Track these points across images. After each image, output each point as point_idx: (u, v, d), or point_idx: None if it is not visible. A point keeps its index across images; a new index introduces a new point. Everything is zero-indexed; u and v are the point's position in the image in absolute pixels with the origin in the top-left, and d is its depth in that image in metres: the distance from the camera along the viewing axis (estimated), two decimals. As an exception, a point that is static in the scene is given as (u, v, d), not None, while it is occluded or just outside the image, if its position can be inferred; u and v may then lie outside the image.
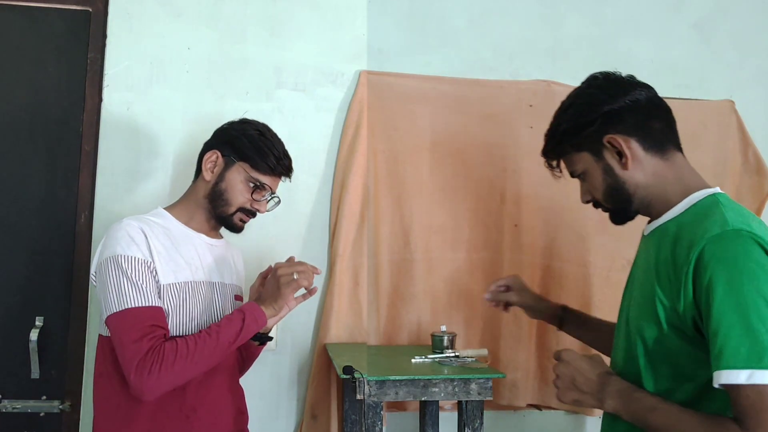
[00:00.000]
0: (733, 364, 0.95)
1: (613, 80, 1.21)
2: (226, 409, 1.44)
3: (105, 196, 1.92)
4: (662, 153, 1.17)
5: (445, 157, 2.06)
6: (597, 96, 1.18)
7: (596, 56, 2.19)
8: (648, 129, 1.16)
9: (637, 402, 1.08)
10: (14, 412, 1.85)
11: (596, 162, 1.19)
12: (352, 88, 2.05)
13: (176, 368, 1.26)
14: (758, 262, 0.98)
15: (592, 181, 1.21)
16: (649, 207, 1.19)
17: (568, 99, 1.24)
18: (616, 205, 1.21)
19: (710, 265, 0.99)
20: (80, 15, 1.96)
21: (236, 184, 1.46)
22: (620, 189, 1.18)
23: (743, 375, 0.94)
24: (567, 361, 1.17)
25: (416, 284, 2.01)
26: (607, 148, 1.17)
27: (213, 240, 1.51)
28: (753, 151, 2.20)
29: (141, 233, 1.36)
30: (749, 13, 2.28)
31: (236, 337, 1.34)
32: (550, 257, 2.06)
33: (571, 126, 1.20)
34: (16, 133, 1.91)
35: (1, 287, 1.87)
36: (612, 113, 1.16)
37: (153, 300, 1.31)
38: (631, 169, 1.16)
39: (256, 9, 2.03)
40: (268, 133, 1.51)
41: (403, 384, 1.53)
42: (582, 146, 1.20)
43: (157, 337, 1.28)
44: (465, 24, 2.13)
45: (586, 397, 1.13)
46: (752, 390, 0.94)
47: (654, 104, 1.19)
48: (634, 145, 1.15)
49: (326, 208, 2.02)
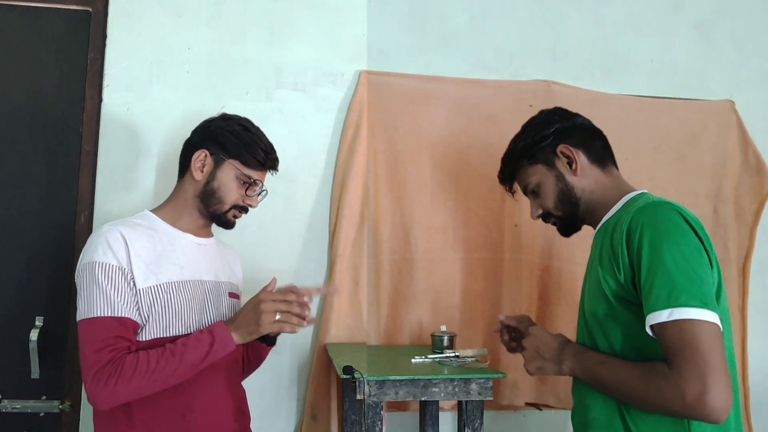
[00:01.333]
0: (657, 307, 1.09)
1: (562, 109, 1.46)
2: (224, 408, 1.43)
3: (105, 196, 1.92)
4: (602, 166, 1.38)
5: (445, 157, 2.06)
6: (550, 117, 1.43)
7: (596, 56, 2.19)
8: (591, 145, 1.38)
9: (589, 359, 1.23)
10: (14, 412, 1.85)
11: (549, 171, 1.39)
12: (352, 88, 2.05)
13: (133, 383, 1.26)
14: (676, 223, 1.14)
15: (544, 190, 1.40)
16: (592, 213, 1.37)
17: (523, 126, 1.48)
18: (566, 212, 1.39)
19: (637, 230, 1.16)
20: (80, 15, 1.96)
21: (228, 182, 1.45)
22: (570, 193, 1.37)
23: (665, 314, 1.08)
24: (533, 334, 1.34)
25: (416, 284, 2.01)
26: (559, 157, 1.38)
27: (201, 239, 1.50)
28: (753, 151, 2.19)
29: (120, 239, 1.35)
30: (749, 13, 2.28)
31: (201, 361, 1.32)
32: (550, 257, 2.06)
33: (528, 142, 1.42)
34: (16, 133, 1.91)
35: (1, 287, 1.87)
36: (563, 129, 1.39)
37: (122, 311, 1.30)
38: (579, 175, 1.36)
39: (256, 9, 2.03)
40: (252, 127, 1.51)
41: (403, 384, 1.53)
42: (537, 159, 1.40)
43: (119, 348, 1.28)
44: (465, 24, 2.13)
45: (548, 363, 1.30)
46: (673, 326, 1.07)
47: (595, 129, 1.43)
48: (581, 156, 1.37)
49: (326, 208, 2.02)
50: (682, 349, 1.06)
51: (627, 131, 2.12)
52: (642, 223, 1.15)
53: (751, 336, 2.14)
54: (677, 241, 1.12)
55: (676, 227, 1.14)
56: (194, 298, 1.42)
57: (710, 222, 2.14)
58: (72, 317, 1.87)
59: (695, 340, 1.05)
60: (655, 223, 1.15)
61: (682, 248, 1.12)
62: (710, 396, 1.02)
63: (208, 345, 1.32)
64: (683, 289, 1.08)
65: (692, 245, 1.13)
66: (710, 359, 1.04)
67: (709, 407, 1.03)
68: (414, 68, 2.08)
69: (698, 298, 1.07)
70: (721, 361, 1.05)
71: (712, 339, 1.05)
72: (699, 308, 1.06)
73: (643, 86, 2.21)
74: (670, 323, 1.07)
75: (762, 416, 2.12)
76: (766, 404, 2.14)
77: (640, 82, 2.21)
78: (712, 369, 1.03)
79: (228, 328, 1.36)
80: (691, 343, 1.05)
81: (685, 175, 2.15)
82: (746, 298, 2.15)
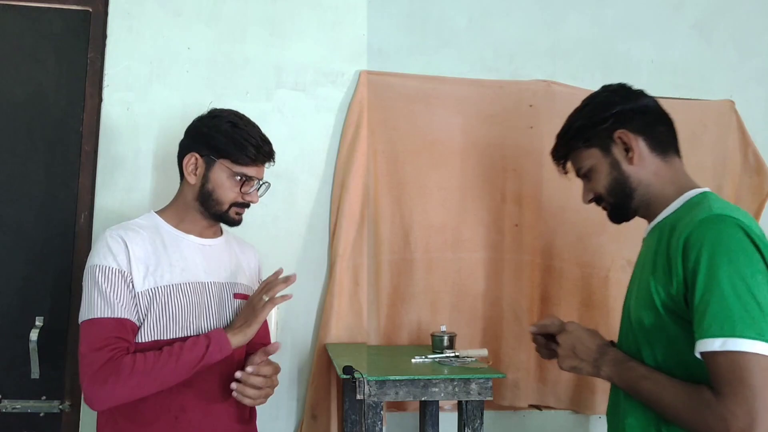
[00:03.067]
0: (709, 334, 1.03)
1: (626, 87, 1.35)
2: (221, 409, 1.43)
3: (105, 196, 1.92)
4: (664, 155, 1.27)
5: (445, 157, 2.06)
6: (611, 98, 1.31)
7: (596, 56, 2.19)
8: (654, 131, 1.27)
9: (630, 370, 1.16)
10: (14, 412, 1.85)
11: (604, 157, 1.28)
12: (352, 88, 2.05)
13: (131, 383, 1.27)
14: (739, 242, 1.06)
15: (597, 176, 1.30)
16: (648, 206, 1.27)
17: (583, 102, 1.36)
18: (618, 200, 1.29)
19: (696, 245, 1.07)
20: (80, 15, 1.96)
21: (222, 182, 1.44)
22: (624, 183, 1.27)
23: (717, 343, 1.02)
24: (570, 331, 1.27)
25: (416, 284, 2.01)
26: (617, 143, 1.27)
27: (206, 240, 1.50)
28: (753, 151, 2.20)
29: (121, 243, 1.37)
30: (749, 13, 2.28)
31: (197, 363, 1.33)
32: (550, 257, 2.06)
33: (586, 123, 1.31)
34: (16, 133, 1.91)
35: (1, 287, 1.87)
36: (624, 113, 1.28)
37: (121, 312, 1.32)
38: (636, 164, 1.25)
39: (256, 9, 2.03)
40: (241, 122, 1.47)
41: (403, 384, 1.53)
42: (592, 142, 1.30)
43: (118, 349, 1.29)
44: (465, 24, 2.13)
45: (584, 364, 1.23)
46: (724, 357, 1.01)
47: (660, 111, 1.31)
48: (641, 143, 1.26)
49: (326, 208, 2.02)
50: (731, 382, 1.00)
51: (627, 131, 2.12)
52: (702, 238, 1.07)
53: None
54: (738, 264, 1.04)
55: (739, 247, 1.06)
56: (194, 300, 1.42)
57: (710, 222, 2.14)
58: (72, 317, 1.87)
59: (746, 373, 0.99)
60: (717, 241, 1.06)
61: (742, 272, 1.04)
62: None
63: (204, 347, 1.34)
64: (739, 318, 1.01)
65: (755, 268, 1.05)
66: (760, 395, 0.98)
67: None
68: (414, 68, 2.08)
69: (754, 328, 1.00)
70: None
71: (764, 374, 0.99)
72: (754, 340, 1.00)
73: (643, 86, 2.16)
74: (722, 353, 1.01)
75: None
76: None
77: (640, 82, 2.16)
78: (762, 406, 0.98)
79: (224, 332, 1.38)
80: (741, 378, 0.99)
81: (686, 175, 2.15)
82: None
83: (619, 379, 1.19)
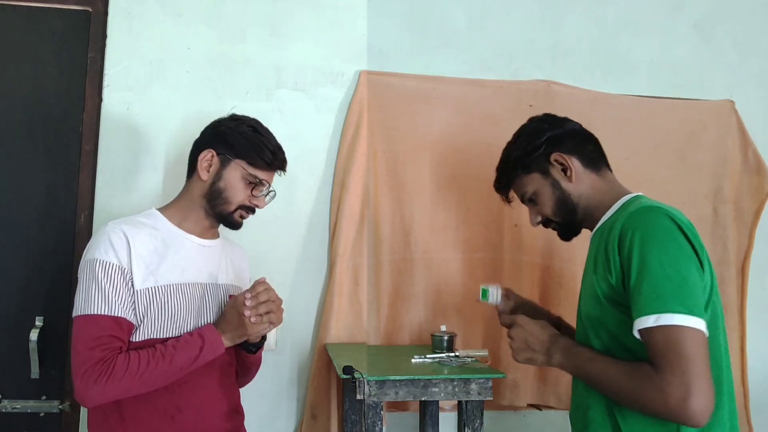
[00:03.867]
0: (644, 312, 1.11)
1: (551, 116, 1.46)
2: (215, 409, 1.43)
3: (105, 196, 1.92)
4: (597, 169, 1.39)
5: (445, 157, 2.06)
6: (541, 126, 1.44)
7: (596, 56, 2.19)
8: (584, 150, 1.39)
9: (578, 355, 1.25)
10: (14, 412, 1.85)
11: (545, 179, 1.40)
12: (352, 88, 2.05)
13: (123, 384, 1.28)
14: (666, 228, 1.15)
15: (542, 198, 1.41)
16: (590, 217, 1.38)
17: (514, 135, 1.48)
18: (564, 218, 1.40)
19: (627, 234, 1.17)
20: (80, 15, 1.96)
21: (235, 183, 1.45)
22: (567, 200, 1.38)
23: (651, 319, 1.10)
24: (521, 325, 1.36)
25: (416, 284, 2.01)
26: (554, 165, 1.38)
27: (206, 241, 1.50)
28: (753, 151, 2.20)
29: (123, 238, 1.35)
30: (749, 13, 2.28)
31: (191, 363, 1.33)
32: (550, 257, 2.06)
33: (522, 152, 1.42)
34: (16, 133, 1.91)
35: (1, 287, 1.87)
36: (555, 137, 1.40)
37: (118, 310, 1.31)
38: (575, 181, 1.37)
39: (256, 9, 2.03)
40: (261, 128, 1.50)
41: (403, 384, 1.53)
42: (531, 168, 1.41)
43: (112, 348, 1.29)
44: (465, 24, 2.13)
45: (537, 355, 1.32)
46: (659, 331, 1.09)
47: (587, 133, 1.43)
48: (575, 162, 1.37)
49: (326, 208, 2.02)
50: (666, 354, 1.08)
51: (627, 131, 2.12)
52: (633, 227, 1.17)
53: (751, 336, 2.14)
54: (667, 247, 1.13)
55: (667, 232, 1.15)
56: (192, 300, 1.42)
57: (710, 222, 2.14)
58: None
59: (680, 346, 1.07)
60: (646, 228, 1.16)
61: (671, 253, 1.13)
62: (692, 401, 1.05)
63: (198, 348, 1.34)
64: (670, 295, 1.09)
65: (682, 250, 1.14)
66: (694, 366, 1.06)
67: (691, 411, 1.05)
68: (414, 68, 2.08)
69: (685, 304, 1.09)
70: (705, 367, 1.07)
71: (696, 346, 1.07)
72: (685, 314, 1.08)
73: (643, 86, 2.21)
74: (656, 328, 1.09)
75: (762, 416, 2.12)
76: (766, 404, 2.14)
77: (640, 82, 2.21)
78: (695, 375, 1.05)
79: (218, 332, 1.38)
80: (675, 349, 1.07)
81: (685, 175, 2.15)
82: (745, 298, 2.15)
83: (569, 364, 1.27)
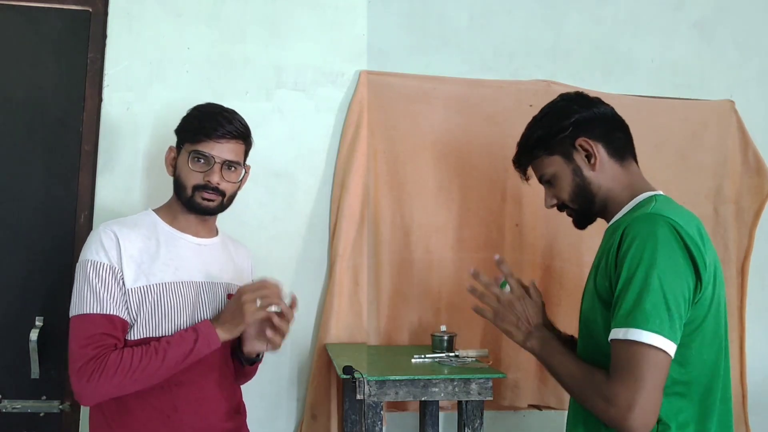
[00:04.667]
0: (618, 323, 1.11)
1: (583, 95, 1.38)
2: (214, 408, 1.43)
3: (105, 196, 1.92)
4: (621, 161, 1.32)
5: (445, 156, 2.06)
6: (569, 107, 1.35)
7: (596, 56, 2.19)
8: (612, 138, 1.32)
9: (550, 347, 1.28)
10: (14, 412, 1.85)
11: (566, 164, 1.33)
12: (352, 88, 2.05)
13: (116, 380, 1.28)
14: (665, 240, 1.11)
15: (560, 183, 1.35)
16: (606, 209, 1.33)
17: (540, 111, 1.40)
18: (581, 206, 1.35)
19: (627, 240, 1.14)
20: (80, 15, 1.96)
21: (184, 165, 1.45)
22: (586, 188, 1.32)
23: (621, 332, 1.10)
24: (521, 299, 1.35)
25: (416, 284, 2.01)
26: (578, 150, 1.31)
27: (202, 240, 1.50)
28: (753, 151, 2.20)
29: (113, 238, 1.37)
30: (750, 13, 2.28)
31: (185, 358, 1.33)
32: (551, 257, 2.06)
33: (546, 132, 1.34)
34: (16, 133, 1.91)
35: (1, 287, 1.87)
36: (583, 120, 1.32)
37: (110, 308, 1.33)
38: (597, 170, 1.30)
39: (256, 9, 2.03)
40: (207, 106, 1.49)
41: (403, 384, 1.53)
42: (554, 150, 1.34)
43: (105, 345, 1.30)
44: (465, 24, 2.13)
45: (516, 331, 1.33)
46: (623, 345, 1.09)
47: (617, 119, 1.36)
48: (600, 149, 1.30)
49: (326, 208, 2.02)
50: (622, 368, 1.09)
51: (627, 131, 2.12)
52: (633, 234, 1.14)
53: (750, 336, 2.14)
54: (658, 261, 1.10)
55: (664, 245, 1.11)
56: (186, 299, 1.42)
57: (710, 222, 2.14)
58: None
59: (636, 362, 1.07)
60: (644, 237, 1.12)
61: (661, 268, 1.10)
62: (632, 416, 1.06)
63: (192, 342, 1.33)
64: (645, 311, 1.08)
65: (675, 267, 1.11)
66: (643, 384, 1.06)
67: (629, 425, 1.07)
68: (414, 68, 2.08)
69: (656, 323, 1.07)
70: (654, 388, 1.07)
71: (654, 366, 1.07)
72: (653, 333, 1.07)
73: (643, 86, 2.21)
74: (622, 341, 1.10)
75: (760, 416, 2.12)
76: (765, 404, 2.14)
77: (640, 81, 2.21)
78: (642, 392, 1.06)
79: (213, 325, 1.37)
80: (631, 365, 1.07)
81: (686, 174, 2.15)
82: (745, 298, 2.15)
83: (539, 352, 1.29)
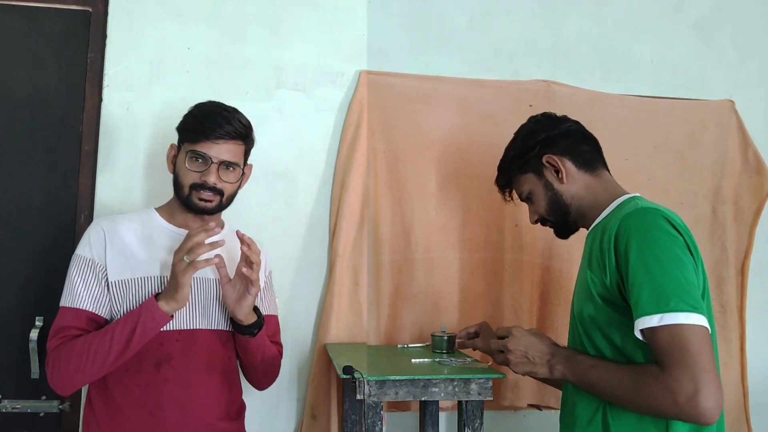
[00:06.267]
0: (647, 311, 1.11)
1: (549, 116, 1.49)
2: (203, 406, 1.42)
3: (105, 196, 1.92)
4: (592, 170, 1.41)
5: (445, 157, 2.05)
6: (536, 127, 1.47)
7: (596, 56, 2.19)
8: (578, 151, 1.41)
9: (579, 363, 1.25)
10: (14, 412, 1.85)
11: (539, 180, 1.44)
12: (352, 88, 2.05)
13: (72, 366, 1.31)
14: (662, 228, 1.17)
15: (536, 198, 1.45)
16: (584, 216, 1.40)
17: (514, 135, 1.52)
18: (557, 217, 1.44)
19: (624, 236, 1.18)
20: (80, 15, 1.96)
21: (182, 164, 1.46)
22: (559, 201, 1.41)
23: (655, 318, 1.10)
24: (518, 336, 1.35)
25: (416, 284, 2.01)
26: (546, 167, 1.42)
27: None
28: (753, 151, 2.19)
29: (101, 233, 1.43)
30: (749, 13, 2.28)
31: (130, 336, 1.31)
32: (551, 257, 2.06)
33: (517, 152, 1.47)
34: (16, 132, 1.91)
35: (1, 287, 1.87)
36: (548, 139, 1.43)
37: (80, 302, 1.38)
38: (567, 183, 1.40)
39: (256, 9, 2.03)
40: (206, 105, 1.50)
41: (403, 384, 1.53)
42: (526, 168, 1.46)
43: (67, 336, 1.35)
44: (465, 24, 2.13)
45: (538, 367, 1.32)
46: (664, 331, 1.09)
47: (583, 133, 1.45)
48: (567, 163, 1.40)
49: (326, 208, 2.02)
50: (673, 353, 1.08)
51: (627, 131, 2.12)
52: (629, 228, 1.18)
53: (750, 336, 2.14)
54: (664, 247, 1.15)
55: (663, 233, 1.16)
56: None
57: (709, 222, 2.14)
58: (72, 317, 1.87)
59: (686, 343, 1.07)
60: (642, 229, 1.17)
61: (669, 253, 1.14)
62: (702, 397, 1.05)
63: (136, 317, 1.32)
64: (672, 294, 1.10)
65: (679, 250, 1.15)
66: (701, 362, 1.06)
67: (702, 408, 1.05)
68: (414, 68, 2.08)
69: (687, 302, 1.10)
70: (712, 363, 1.07)
71: (702, 342, 1.08)
72: (688, 312, 1.09)
73: (643, 86, 2.21)
74: (660, 328, 1.10)
75: (761, 416, 2.12)
76: (766, 404, 2.14)
77: (640, 82, 2.21)
78: (703, 371, 1.06)
79: (154, 301, 1.34)
80: (681, 347, 1.07)
81: (685, 174, 2.15)
82: (745, 298, 2.15)
83: (572, 373, 1.26)
